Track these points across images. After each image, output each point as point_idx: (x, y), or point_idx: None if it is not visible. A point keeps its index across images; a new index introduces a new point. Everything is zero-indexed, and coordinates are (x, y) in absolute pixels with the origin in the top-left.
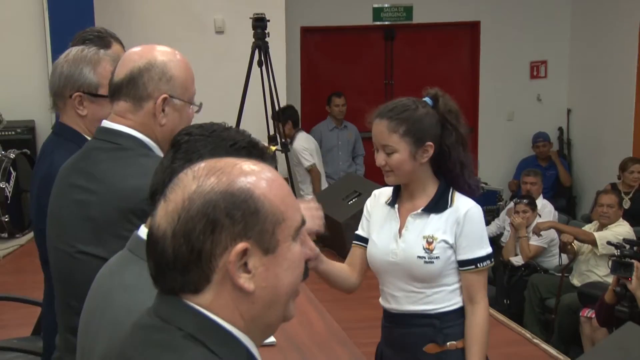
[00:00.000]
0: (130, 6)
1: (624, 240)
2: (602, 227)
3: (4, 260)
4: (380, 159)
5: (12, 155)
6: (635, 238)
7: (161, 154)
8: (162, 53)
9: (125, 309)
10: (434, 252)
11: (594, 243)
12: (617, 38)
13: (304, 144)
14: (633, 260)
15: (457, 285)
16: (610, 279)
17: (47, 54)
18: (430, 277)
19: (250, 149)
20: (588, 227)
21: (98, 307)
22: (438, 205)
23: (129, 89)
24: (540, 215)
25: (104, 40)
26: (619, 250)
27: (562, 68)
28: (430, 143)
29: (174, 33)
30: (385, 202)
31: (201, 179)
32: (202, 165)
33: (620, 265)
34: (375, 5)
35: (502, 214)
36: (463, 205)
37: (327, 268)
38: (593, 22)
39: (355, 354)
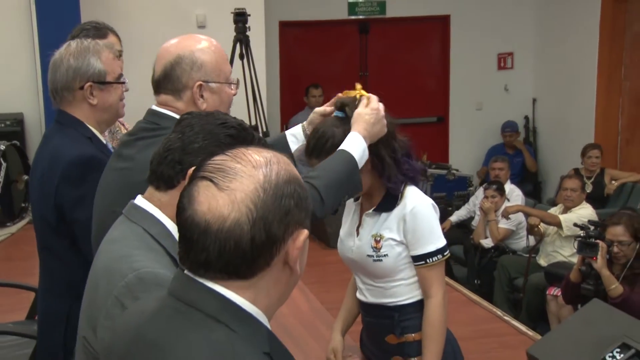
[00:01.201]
0: (115, 1)
1: (589, 221)
2: (566, 210)
3: None
4: None
5: (2, 147)
6: (598, 220)
7: None
8: (189, 43)
9: (104, 257)
10: (381, 250)
11: (559, 225)
12: (579, 31)
13: None
14: (598, 241)
15: (414, 279)
16: (574, 259)
17: (34, 48)
18: (382, 273)
19: (239, 130)
20: (553, 210)
21: (95, 261)
22: (387, 203)
23: (165, 83)
24: (508, 200)
25: (100, 31)
26: (584, 232)
27: (527, 59)
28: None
29: (157, 27)
30: (353, 199)
31: (262, 169)
32: (250, 152)
33: (586, 246)
34: (351, 0)
35: (472, 199)
36: (410, 202)
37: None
38: (557, 15)
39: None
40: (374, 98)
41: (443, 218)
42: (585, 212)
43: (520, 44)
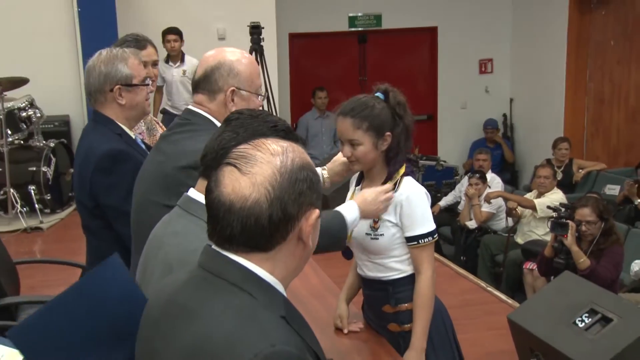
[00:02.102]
0: (148, 18)
1: (560, 204)
2: (540, 195)
3: (47, 231)
4: (346, 151)
5: (52, 144)
6: (567, 203)
7: None
8: (230, 54)
9: (175, 250)
10: (378, 230)
11: (534, 208)
12: (549, 40)
13: None
14: (568, 221)
15: (406, 257)
16: (547, 237)
17: (78, 58)
18: (377, 250)
19: (287, 132)
20: (529, 196)
21: (153, 250)
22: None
23: (204, 84)
24: (489, 187)
25: (140, 42)
26: (556, 213)
27: (505, 64)
28: (389, 133)
29: (184, 41)
30: (354, 184)
31: (279, 154)
32: (269, 143)
33: (558, 225)
34: (351, 14)
35: (458, 186)
36: (406, 190)
37: (354, 291)
38: (530, 26)
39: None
40: (385, 187)
41: (433, 203)
42: (556, 197)
43: (498, 51)
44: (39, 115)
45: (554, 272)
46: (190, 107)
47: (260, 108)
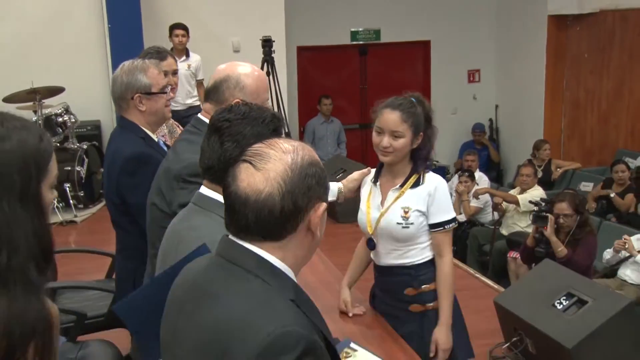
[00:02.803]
0: (160, 32)
1: (540, 199)
2: (522, 191)
3: (81, 224)
4: (385, 141)
5: (85, 146)
6: (547, 198)
7: None
8: (241, 68)
9: (195, 242)
10: (409, 219)
11: (517, 203)
12: (530, 52)
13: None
14: (548, 214)
15: (427, 243)
16: (529, 229)
17: (108, 69)
18: (406, 238)
19: (274, 120)
20: (513, 192)
21: (172, 245)
22: (414, 182)
23: (212, 94)
24: (477, 184)
25: (161, 54)
26: (537, 207)
27: (491, 74)
28: (422, 133)
29: (202, 52)
30: (370, 180)
31: (290, 152)
32: (281, 142)
33: (538, 218)
34: (352, 29)
35: (449, 184)
36: (433, 182)
37: (357, 279)
38: (513, 40)
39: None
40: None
41: None
42: (537, 193)
43: (485, 63)
44: (73, 120)
45: (535, 260)
46: (198, 115)
47: None
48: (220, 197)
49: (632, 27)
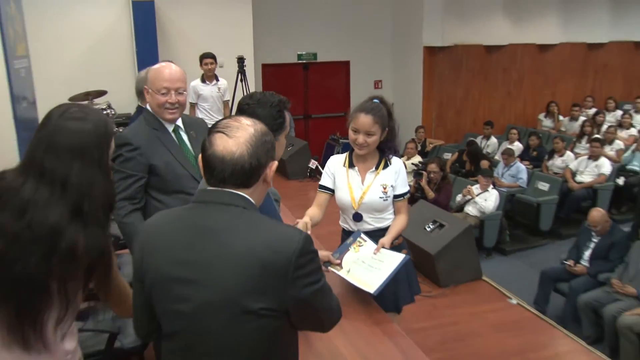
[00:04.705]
0: (176, 50)
1: (419, 162)
2: (408, 158)
3: None
4: (361, 139)
5: (120, 130)
6: (423, 162)
7: None
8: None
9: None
10: (387, 193)
11: (405, 166)
12: (413, 69)
13: None
14: (422, 171)
15: (392, 210)
16: (411, 182)
17: (134, 68)
18: (384, 207)
19: (280, 104)
20: (402, 159)
21: None
22: (384, 165)
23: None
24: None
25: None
26: (416, 167)
27: (389, 83)
28: (387, 128)
29: (195, 68)
30: (343, 165)
31: (252, 126)
32: (243, 119)
33: (417, 174)
34: (298, 52)
35: None
36: (397, 163)
37: (315, 223)
38: (403, 61)
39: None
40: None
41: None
42: (416, 159)
43: (385, 75)
44: (113, 112)
45: (414, 201)
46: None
47: None
48: None
49: (473, 55)
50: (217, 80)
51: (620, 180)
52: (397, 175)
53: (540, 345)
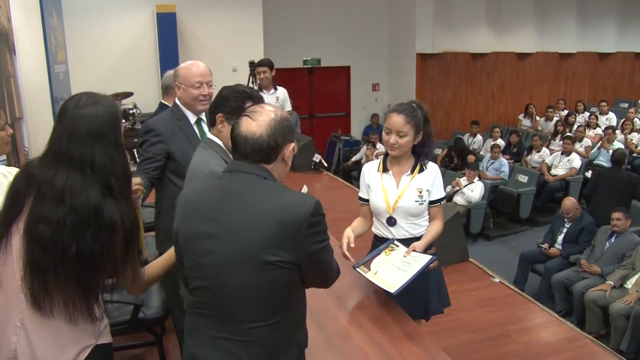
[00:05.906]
0: (192, 55)
1: None
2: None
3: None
4: (393, 139)
5: None
6: None
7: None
8: (180, 65)
9: (204, 171)
10: (422, 197)
11: None
12: (407, 74)
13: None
14: None
15: (427, 216)
16: None
17: (159, 81)
18: (419, 212)
19: (251, 94)
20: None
21: (191, 175)
22: (420, 169)
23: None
24: (377, 149)
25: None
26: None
27: (385, 86)
28: (422, 132)
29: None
30: (377, 170)
31: (273, 112)
32: (266, 106)
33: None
34: (304, 58)
35: (362, 150)
36: (433, 167)
37: (358, 234)
38: (394, 67)
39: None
40: None
41: (348, 159)
42: None
43: (382, 80)
44: (138, 112)
45: None
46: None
47: None
48: (218, 140)
49: (460, 62)
50: (276, 89)
51: (589, 174)
52: (433, 179)
53: (519, 318)
